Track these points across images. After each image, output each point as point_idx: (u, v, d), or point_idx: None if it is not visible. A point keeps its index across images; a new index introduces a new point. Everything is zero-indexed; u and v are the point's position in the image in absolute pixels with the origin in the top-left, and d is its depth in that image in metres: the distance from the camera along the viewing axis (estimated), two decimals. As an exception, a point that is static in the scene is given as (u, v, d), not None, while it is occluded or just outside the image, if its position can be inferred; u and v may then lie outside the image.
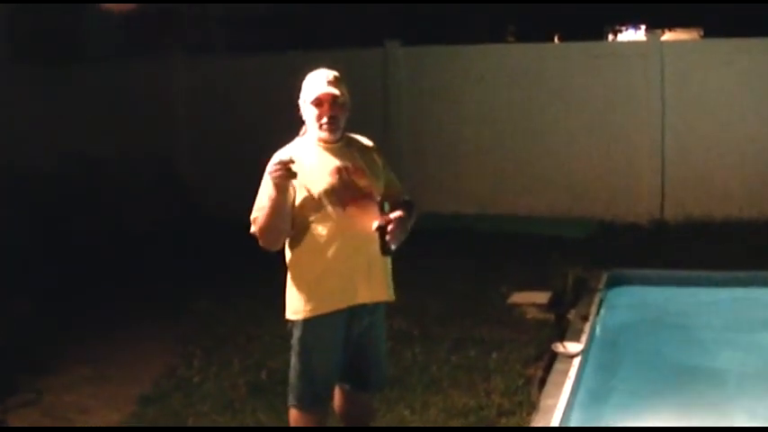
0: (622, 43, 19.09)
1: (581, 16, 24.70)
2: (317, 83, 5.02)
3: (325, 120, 5.01)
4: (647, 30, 27.23)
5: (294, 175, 4.72)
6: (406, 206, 5.14)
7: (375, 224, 4.89)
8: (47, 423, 6.93)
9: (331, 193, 4.96)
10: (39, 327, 8.51)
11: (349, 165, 5.06)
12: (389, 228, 4.87)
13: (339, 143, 5.11)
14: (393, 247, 4.94)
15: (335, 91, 4.97)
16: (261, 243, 4.97)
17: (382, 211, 4.94)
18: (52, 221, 11.88)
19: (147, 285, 10.51)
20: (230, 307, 9.54)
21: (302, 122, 5.19)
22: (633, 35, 28.55)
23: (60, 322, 9.02)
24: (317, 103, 4.98)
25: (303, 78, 5.18)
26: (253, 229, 4.98)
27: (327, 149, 5.07)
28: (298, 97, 5.14)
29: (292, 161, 4.72)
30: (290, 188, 4.88)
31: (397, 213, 4.93)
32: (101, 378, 7.81)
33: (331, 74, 5.06)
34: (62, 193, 12.43)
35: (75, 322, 9.17)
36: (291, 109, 5.28)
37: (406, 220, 5.00)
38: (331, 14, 20.91)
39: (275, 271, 5.35)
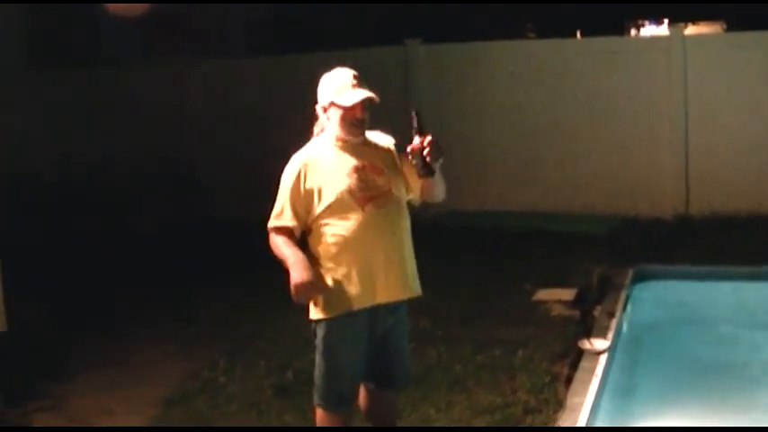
0: (645, 38, 19.06)
1: (602, 11, 24.58)
2: (345, 84, 4.99)
3: (356, 123, 5.00)
4: (669, 24, 27.12)
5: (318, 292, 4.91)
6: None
7: (409, 148, 4.88)
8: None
9: (349, 193, 4.96)
10: (55, 330, 8.52)
11: (367, 163, 5.05)
12: (426, 145, 4.84)
13: (356, 141, 5.10)
14: (434, 167, 4.90)
15: (371, 94, 4.96)
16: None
17: (417, 133, 4.90)
18: (68, 224, 11.92)
19: (164, 287, 10.51)
20: (249, 309, 9.56)
21: (313, 122, 5.19)
22: (655, 29, 28.37)
23: (76, 325, 9.03)
24: (350, 108, 4.96)
25: (317, 77, 5.16)
26: (270, 238, 5.10)
27: (344, 148, 5.07)
28: (314, 98, 5.12)
29: (313, 284, 4.87)
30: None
31: (429, 137, 4.88)
32: (121, 381, 7.83)
33: (353, 74, 5.05)
34: (77, 195, 12.50)
35: (91, 325, 9.19)
36: (305, 109, 5.27)
37: (438, 144, 4.90)
38: (349, 14, 20.86)
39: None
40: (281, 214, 5.05)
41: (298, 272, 4.87)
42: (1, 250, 7.42)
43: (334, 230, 4.97)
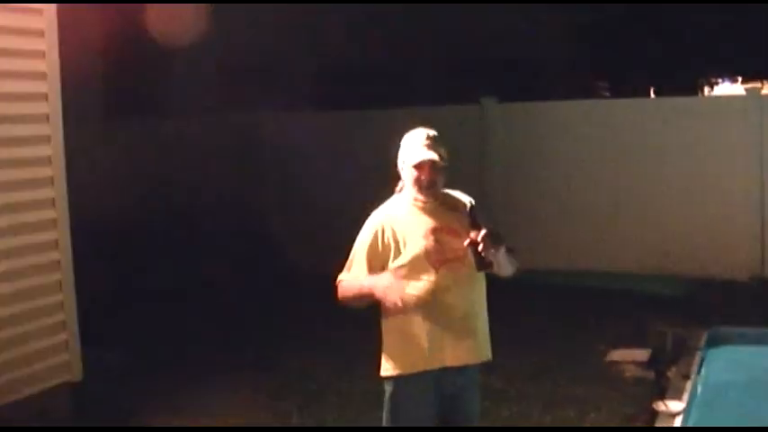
0: (721, 98, 18.95)
1: (676, 68, 24.50)
2: (417, 145, 5.03)
3: (424, 184, 5.03)
4: (743, 81, 26.94)
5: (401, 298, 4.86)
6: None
7: (466, 242, 4.85)
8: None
9: (425, 255, 4.98)
10: (130, 378, 8.60)
11: (443, 225, 5.06)
12: (480, 240, 4.81)
13: (435, 202, 5.11)
14: (490, 260, 4.87)
15: (435, 156, 4.97)
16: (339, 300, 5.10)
17: (473, 227, 4.89)
18: (141, 271, 12.07)
19: (238, 337, 10.59)
20: (323, 362, 9.54)
21: (397, 179, 5.22)
22: (729, 87, 28.23)
23: (149, 372, 9.10)
24: (418, 167, 5.00)
25: (397, 133, 5.21)
26: (339, 288, 5.10)
27: (422, 209, 5.08)
28: (393, 154, 5.17)
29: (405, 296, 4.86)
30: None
31: (483, 231, 4.85)
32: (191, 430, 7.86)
33: (430, 134, 5.06)
34: (151, 242, 12.65)
35: (164, 372, 9.23)
36: (384, 165, 5.32)
37: (496, 234, 4.87)
38: (425, 71, 20.99)
39: (367, 326, 5.37)
40: (354, 270, 5.08)
41: (378, 280, 4.91)
42: (79, 298, 7.52)
43: (408, 290, 4.96)
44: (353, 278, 5.06)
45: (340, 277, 5.13)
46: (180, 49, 14.92)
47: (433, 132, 5.09)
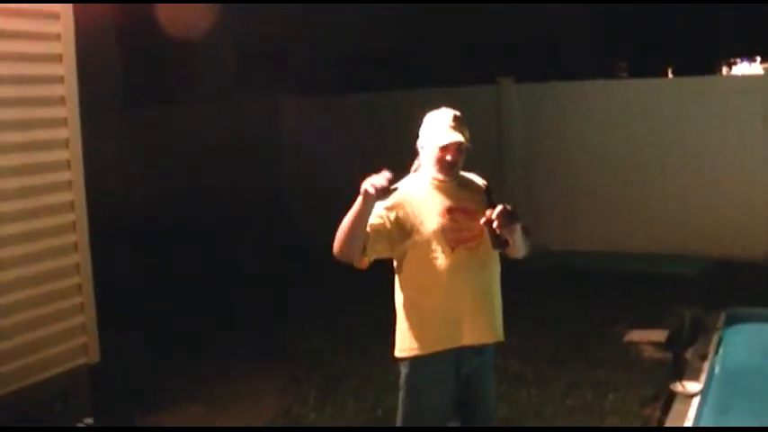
0: (738, 77, 18.86)
1: (694, 49, 24.39)
2: (443, 126, 5.02)
3: (447, 165, 5.02)
4: (762, 62, 26.80)
5: (387, 195, 4.71)
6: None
7: (482, 220, 4.84)
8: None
9: (441, 234, 4.96)
10: (149, 361, 8.62)
11: (460, 205, 5.05)
12: (495, 217, 4.79)
13: (452, 182, 5.11)
14: (505, 238, 4.86)
15: (461, 138, 4.98)
16: (334, 251, 4.94)
17: (489, 206, 4.88)
18: (163, 256, 12.09)
19: (257, 320, 10.63)
20: (345, 344, 9.57)
21: (413, 157, 5.22)
22: (748, 68, 28.08)
23: (169, 357, 9.11)
24: (444, 148, 4.99)
25: (415, 115, 5.20)
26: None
27: (439, 188, 5.08)
28: (412, 134, 5.16)
29: (393, 188, 4.71)
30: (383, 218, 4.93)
31: (499, 207, 4.83)
32: (211, 415, 7.88)
33: (456, 115, 5.07)
34: (171, 226, 12.69)
35: (184, 357, 9.27)
36: (402, 146, 5.30)
37: (512, 213, 4.83)
38: (442, 52, 20.97)
39: (386, 307, 5.33)
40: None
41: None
42: (97, 282, 7.54)
43: (424, 269, 4.97)
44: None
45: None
46: (197, 35, 14.95)
47: (458, 113, 5.09)
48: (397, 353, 5.11)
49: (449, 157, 5.01)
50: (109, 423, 7.21)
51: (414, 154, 5.20)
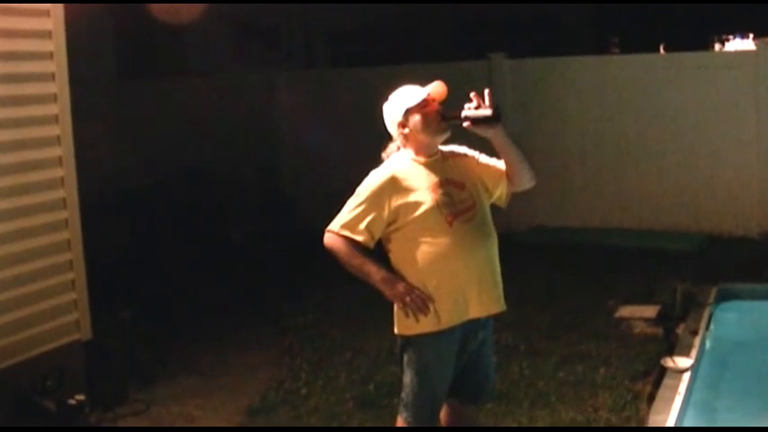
0: (732, 53, 18.78)
1: (686, 26, 24.36)
2: (410, 91, 5.03)
3: (436, 118, 4.98)
4: (754, 38, 26.75)
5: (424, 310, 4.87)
6: None
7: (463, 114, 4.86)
8: (158, 433, 7.07)
9: (437, 209, 4.93)
10: (144, 336, 8.64)
11: (448, 178, 5.03)
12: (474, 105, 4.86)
13: (435, 157, 5.08)
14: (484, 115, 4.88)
15: (440, 86, 4.99)
16: (327, 247, 5.04)
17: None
18: (156, 232, 12.10)
19: (252, 296, 10.66)
20: (335, 319, 9.60)
21: (385, 145, 5.21)
22: (740, 44, 28.01)
23: (164, 332, 9.13)
24: (424, 104, 4.97)
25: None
26: (330, 238, 5.03)
27: (425, 165, 5.05)
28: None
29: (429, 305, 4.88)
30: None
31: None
32: (207, 388, 7.91)
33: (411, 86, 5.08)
34: (165, 203, 12.69)
35: (179, 332, 9.30)
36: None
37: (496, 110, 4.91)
38: (434, 28, 20.94)
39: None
40: (355, 227, 4.96)
41: (390, 284, 4.91)
42: (89, 257, 7.53)
43: (424, 247, 4.93)
44: (356, 254, 4.96)
45: (337, 230, 5.01)
46: (192, 8, 14.92)
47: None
48: (402, 330, 5.04)
49: (436, 108, 4.98)
50: (102, 399, 7.22)
51: (385, 141, 5.19)
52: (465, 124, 4.87)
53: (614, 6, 24.43)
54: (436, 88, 5.01)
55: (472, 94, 4.87)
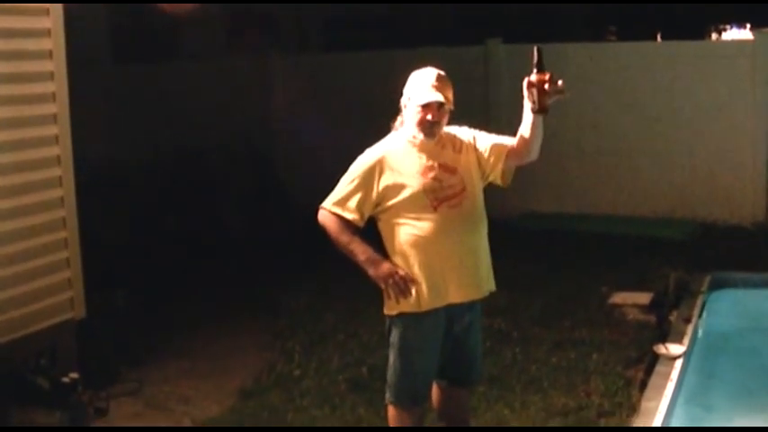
0: (729, 43, 18.77)
1: (684, 14, 24.34)
2: (425, 85, 5.02)
3: (427, 125, 5.02)
4: (751, 28, 26.74)
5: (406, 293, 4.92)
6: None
7: (526, 81, 4.96)
8: (149, 413, 7.08)
9: (423, 194, 4.99)
10: (137, 318, 8.65)
11: (440, 163, 5.07)
12: (547, 80, 4.94)
13: (432, 140, 5.11)
14: (547, 105, 5.03)
15: (442, 98, 4.98)
16: (322, 224, 5.15)
17: (538, 69, 4.99)
18: (150, 214, 12.09)
19: (245, 279, 10.67)
20: (329, 303, 9.60)
21: (396, 114, 5.22)
22: (737, 34, 27.99)
23: (158, 314, 9.17)
24: (425, 107, 4.99)
25: (401, 74, 5.20)
26: (323, 215, 5.13)
27: (420, 147, 5.09)
28: (400, 93, 5.15)
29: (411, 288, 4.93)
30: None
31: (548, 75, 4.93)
32: (199, 370, 7.94)
33: (440, 75, 5.07)
34: (159, 186, 12.68)
35: (172, 314, 9.32)
36: (389, 106, 5.31)
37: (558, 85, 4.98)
38: (431, 13, 20.91)
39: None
40: (345, 204, 5.05)
41: (377, 267, 4.96)
42: (83, 239, 7.54)
43: (408, 230, 5.00)
44: (346, 233, 5.05)
45: (329, 207, 5.10)
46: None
47: (442, 73, 5.10)
48: (387, 310, 5.14)
49: (429, 117, 5.01)
50: (95, 378, 7.23)
51: (397, 111, 5.20)
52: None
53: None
54: (432, 100, 5.02)
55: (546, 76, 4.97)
